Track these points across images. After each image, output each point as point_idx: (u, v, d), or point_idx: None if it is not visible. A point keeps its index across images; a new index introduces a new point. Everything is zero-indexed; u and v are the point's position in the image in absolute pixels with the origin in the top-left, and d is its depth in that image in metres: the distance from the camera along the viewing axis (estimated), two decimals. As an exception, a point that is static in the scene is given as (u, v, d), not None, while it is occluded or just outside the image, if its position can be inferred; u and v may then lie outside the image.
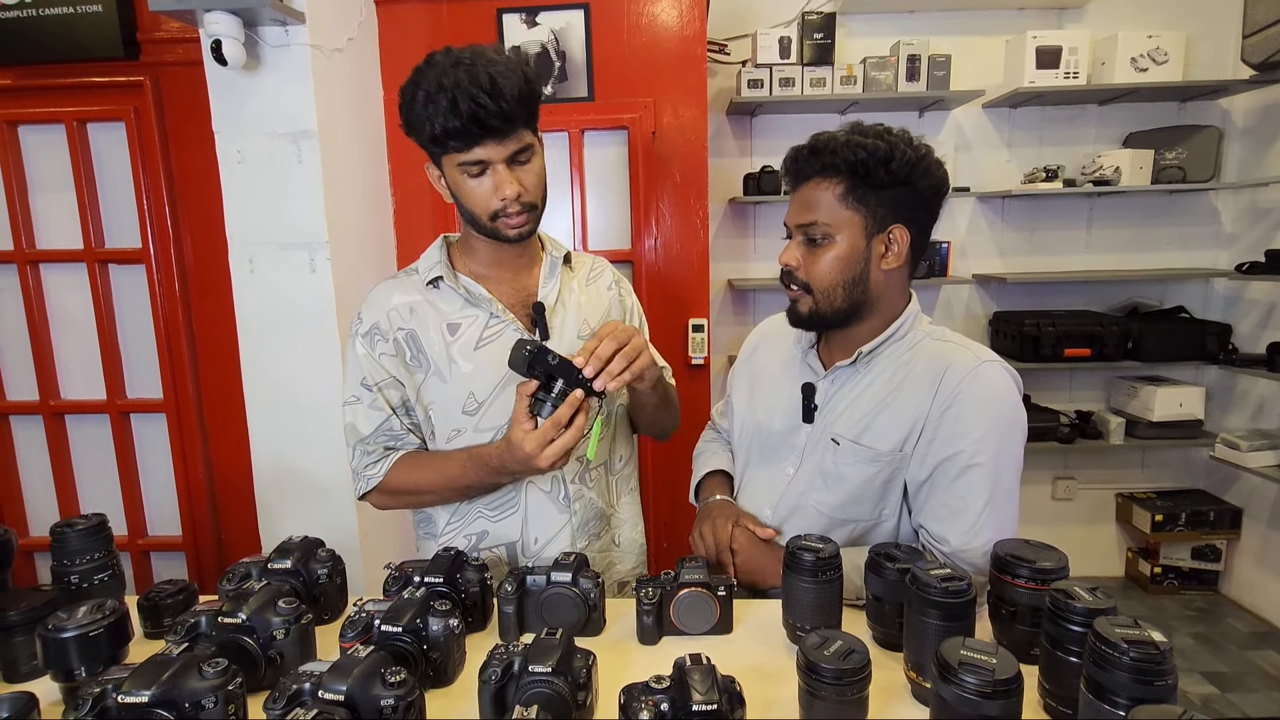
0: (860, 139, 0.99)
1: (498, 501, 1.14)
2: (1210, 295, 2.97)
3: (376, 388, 1.11)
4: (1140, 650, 0.64)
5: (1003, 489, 1.00)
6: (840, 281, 1.04)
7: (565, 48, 2.13)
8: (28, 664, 0.88)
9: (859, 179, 1.00)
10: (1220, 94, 2.76)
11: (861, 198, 1.01)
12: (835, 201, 1.01)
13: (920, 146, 1.02)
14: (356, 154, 1.99)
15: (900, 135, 1.02)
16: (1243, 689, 2.37)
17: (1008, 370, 1.03)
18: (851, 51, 2.73)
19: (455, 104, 0.94)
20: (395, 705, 0.68)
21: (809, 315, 1.07)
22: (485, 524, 1.14)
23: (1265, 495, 2.79)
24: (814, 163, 1.02)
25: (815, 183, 1.03)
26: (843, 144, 1.00)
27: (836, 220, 1.02)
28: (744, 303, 3.00)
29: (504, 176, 1.01)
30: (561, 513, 1.14)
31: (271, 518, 1.93)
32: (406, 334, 1.10)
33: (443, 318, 1.11)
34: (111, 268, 2.16)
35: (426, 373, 1.10)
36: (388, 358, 1.11)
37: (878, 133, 1.01)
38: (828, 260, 1.03)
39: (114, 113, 2.03)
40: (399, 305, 1.11)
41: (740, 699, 0.71)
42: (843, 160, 0.99)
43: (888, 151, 0.98)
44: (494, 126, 0.97)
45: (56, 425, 2.23)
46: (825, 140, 1.02)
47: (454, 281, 1.11)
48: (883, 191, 1.00)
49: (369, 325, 1.12)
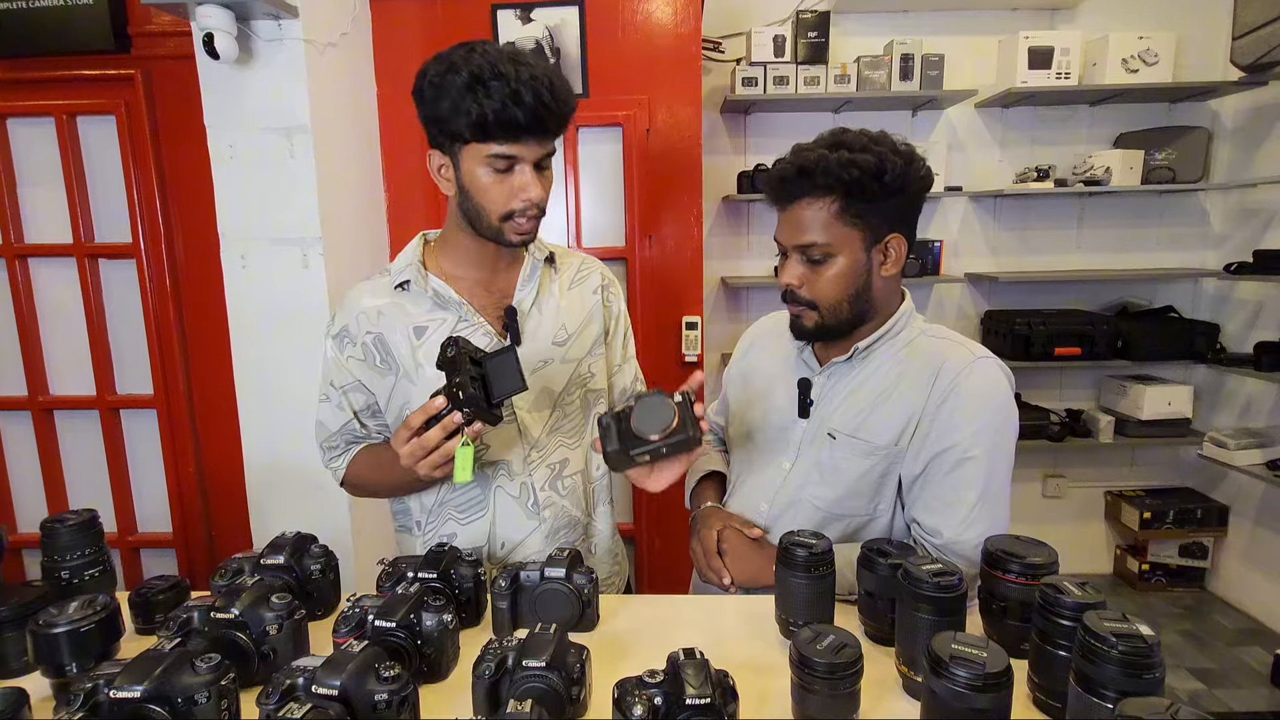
0: (850, 155, 0.97)
1: (466, 504, 1.13)
2: (1199, 295, 3.00)
3: (342, 390, 1.12)
4: (1128, 644, 0.65)
5: (995, 483, 1.01)
6: (845, 296, 1.04)
7: (560, 44, 2.13)
8: (18, 660, 0.87)
9: (853, 196, 0.98)
10: (1210, 95, 2.78)
11: (858, 213, 1.00)
12: (831, 220, 1.00)
13: (904, 150, 1.01)
14: (350, 149, 1.99)
15: (885, 142, 1.01)
16: (1229, 685, 2.40)
17: (1001, 366, 1.04)
18: (845, 50, 2.74)
19: (519, 95, 0.93)
20: (389, 700, 0.68)
21: (815, 329, 1.07)
22: (455, 526, 1.14)
23: (1252, 493, 2.81)
24: (804, 184, 1.00)
25: (807, 202, 1.01)
26: (834, 162, 0.97)
27: (835, 239, 1.01)
28: (738, 300, 3.00)
29: (530, 178, 1.00)
30: (530, 518, 1.13)
31: (263, 514, 1.93)
32: (374, 337, 1.09)
33: (410, 320, 1.09)
34: (101, 262, 2.15)
35: (396, 376, 1.09)
36: (355, 361, 1.10)
37: (863, 144, 0.99)
38: (830, 277, 1.03)
39: (104, 106, 2.02)
40: (368, 308, 1.10)
41: (733, 693, 0.71)
42: (836, 180, 0.97)
43: (878, 165, 0.97)
44: (548, 126, 0.97)
45: (45, 421, 2.21)
46: (814, 159, 0.98)
47: (423, 284, 1.08)
48: (877, 204, 0.99)
49: (339, 328, 1.12)
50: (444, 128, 0.98)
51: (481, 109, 0.93)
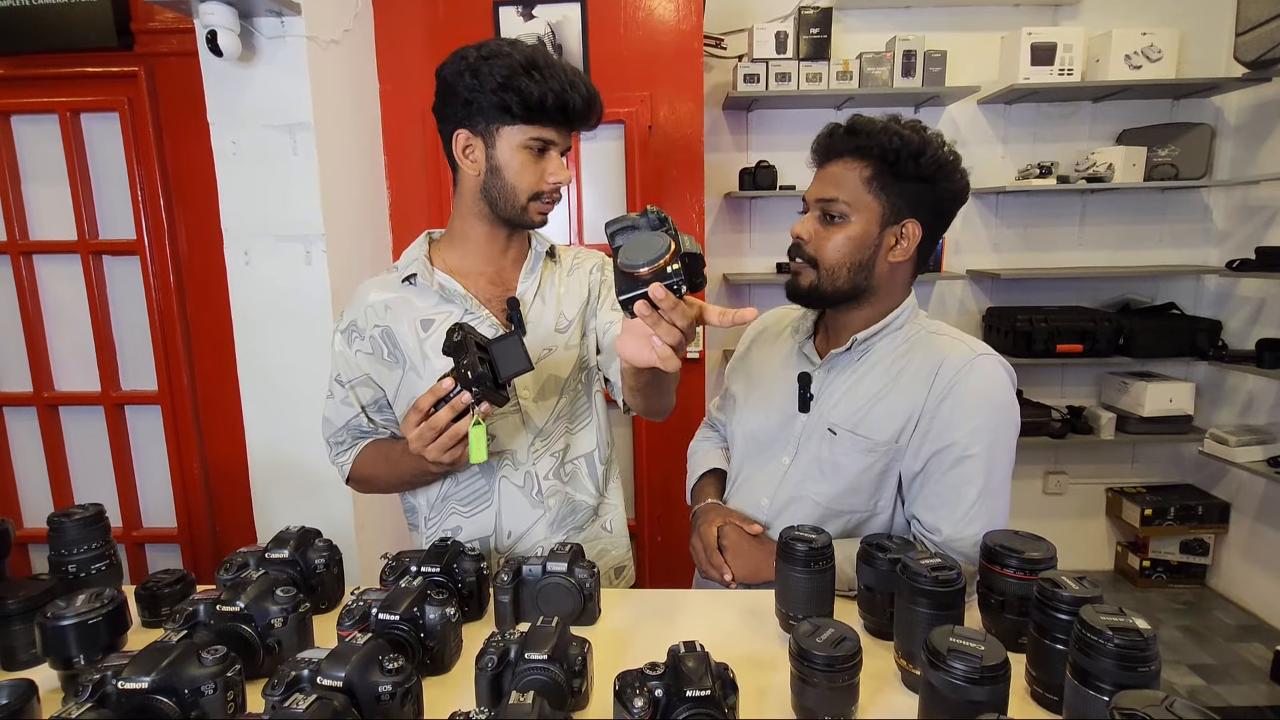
0: (897, 128, 1.02)
1: (470, 497, 1.14)
2: (1201, 292, 3.00)
3: (349, 385, 1.13)
4: (1124, 637, 0.65)
5: (995, 480, 1.01)
6: (847, 262, 1.05)
7: (562, 41, 2.13)
8: (26, 652, 0.88)
9: (886, 166, 1.02)
10: (1213, 91, 2.78)
11: (885, 185, 1.02)
12: (860, 184, 1.03)
13: (951, 151, 1.05)
14: (352, 146, 1.99)
15: (935, 134, 1.04)
16: (1228, 680, 2.41)
17: (1002, 364, 1.04)
18: (848, 47, 2.74)
19: (574, 84, 1.01)
20: (393, 691, 0.69)
21: (809, 289, 1.08)
22: (459, 519, 1.15)
23: (1253, 490, 2.82)
24: (848, 142, 1.04)
25: (844, 162, 1.05)
26: (879, 130, 1.02)
27: (857, 202, 1.03)
28: (739, 298, 3.00)
29: (560, 163, 1.08)
30: (535, 508, 1.14)
31: (267, 509, 1.94)
32: (382, 331, 1.11)
33: (417, 314, 1.11)
34: (105, 259, 2.16)
35: (404, 369, 1.11)
36: (364, 355, 1.12)
37: (914, 126, 1.04)
38: (839, 239, 1.04)
39: (108, 103, 2.02)
40: (375, 303, 1.12)
41: (733, 686, 0.71)
42: (876, 144, 1.01)
43: (920, 145, 1.01)
44: (588, 118, 1.06)
45: (51, 417, 2.22)
46: (863, 123, 1.04)
47: (429, 278, 1.11)
48: (905, 184, 1.02)
49: (348, 322, 1.14)
50: (482, 107, 1.02)
51: (539, 92, 0.99)
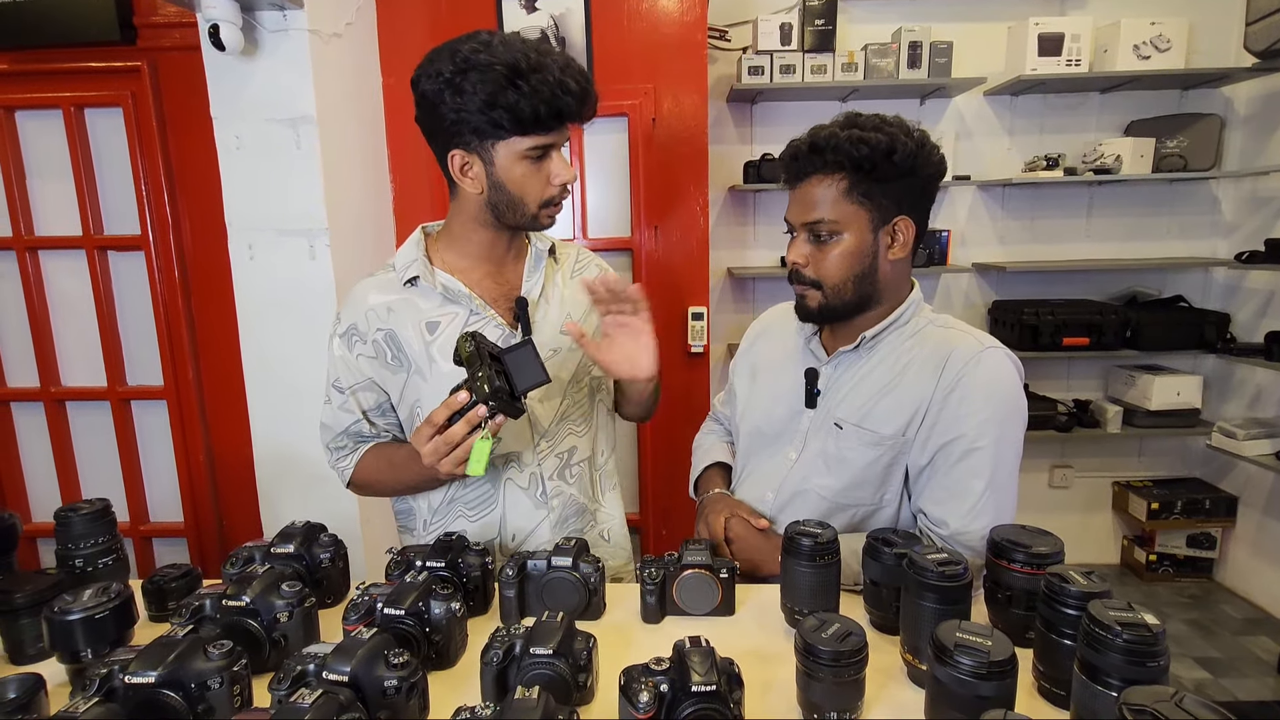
0: (860, 134, 0.98)
1: (477, 500, 1.13)
2: (1209, 284, 2.97)
3: (350, 391, 1.11)
4: (1133, 632, 0.65)
5: (1002, 474, 1.00)
6: (850, 277, 1.03)
7: (565, 33, 2.12)
8: (34, 646, 0.89)
9: (862, 174, 0.99)
10: (1222, 82, 2.75)
11: (866, 192, 1.00)
12: (840, 198, 1.01)
13: (917, 133, 1.01)
14: (355, 140, 1.99)
15: (898, 124, 1.01)
16: (1235, 674, 2.40)
17: (1009, 356, 1.03)
18: (853, 38, 2.71)
19: (565, 85, 0.93)
20: (399, 686, 0.69)
21: (819, 310, 1.07)
22: (465, 523, 1.14)
23: (1261, 483, 2.80)
24: (815, 160, 1.01)
25: (817, 179, 1.02)
26: (844, 140, 0.98)
27: (843, 216, 1.01)
28: (744, 291, 3.00)
29: (563, 161, 1.02)
30: (539, 508, 1.13)
31: (273, 504, 1.94)
32: (385, 334, 1.08)
33: (421, 316, 1.08)
34: (111, 254, 2.16)
35: (409, 372, 1.09)
36: (366, 359, 1.09)
37: (876, 124, 1.00)
38: (836, 256, 1.03)
39: (111, 98, 2.02)
40: (376, 305, 1.09)
41: (739, 680, 0.71)
42: (845, 157, 0.98)
43: (889, 144, 0.97)
44: (584, 112, 0.99)
45: (57, 412, 2.24)
46: (825, 136, 1.00)
47: (431, 279, 1.08)
48: (887, 184, 1.00)
49: (346, 326, 1.10)
50: (472, 126, 0.96)
51: (531, 103, 0.92)
